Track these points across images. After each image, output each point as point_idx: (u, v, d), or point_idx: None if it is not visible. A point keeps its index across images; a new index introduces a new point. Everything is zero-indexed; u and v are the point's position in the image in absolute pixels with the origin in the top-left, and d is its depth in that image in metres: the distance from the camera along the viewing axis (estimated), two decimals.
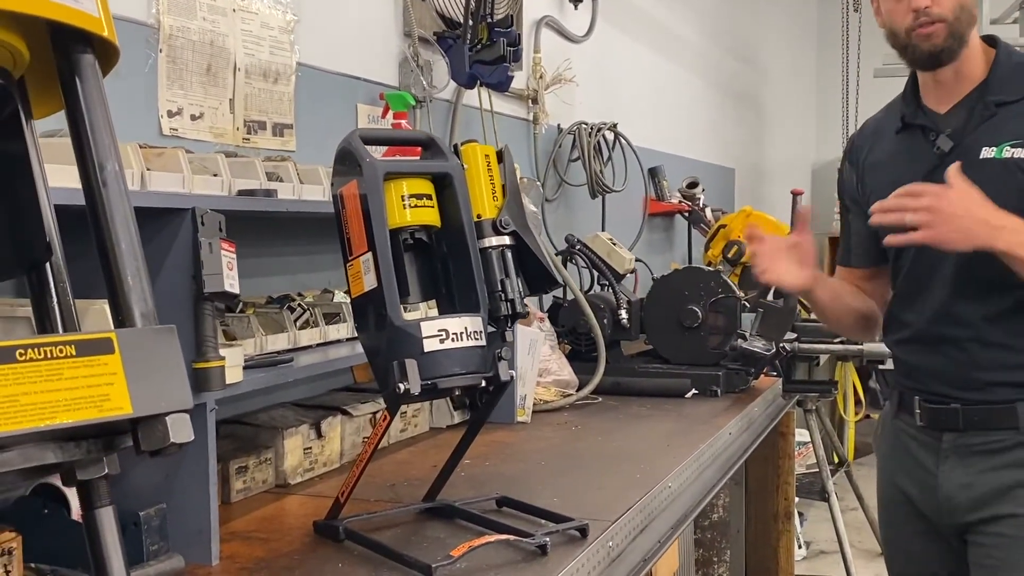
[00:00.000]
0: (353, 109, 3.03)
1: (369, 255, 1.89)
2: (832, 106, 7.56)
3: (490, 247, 2.07)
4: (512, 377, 1.97)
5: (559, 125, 4.48)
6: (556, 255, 3.83)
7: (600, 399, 3.49)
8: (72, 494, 1.83)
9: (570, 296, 3.74)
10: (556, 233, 4.19)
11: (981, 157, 1.96)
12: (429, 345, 1.86)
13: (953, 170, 1.91)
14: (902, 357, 2.17)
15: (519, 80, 4.16)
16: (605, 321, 3.73)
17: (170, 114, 2.34)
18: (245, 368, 2.08)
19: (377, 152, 2.20)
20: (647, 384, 3.63)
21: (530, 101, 4.22)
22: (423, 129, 3.27)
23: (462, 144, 2.14)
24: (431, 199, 1.98)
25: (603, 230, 4.64)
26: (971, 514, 2.05)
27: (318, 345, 2.43)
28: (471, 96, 3.66)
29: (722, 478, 2.95)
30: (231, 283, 1.82)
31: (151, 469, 1.89)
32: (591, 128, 4.44)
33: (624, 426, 3.13)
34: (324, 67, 2.90)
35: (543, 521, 2.07)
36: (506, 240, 2.08)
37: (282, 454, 2.41)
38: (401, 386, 1.82)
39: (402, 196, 1.95)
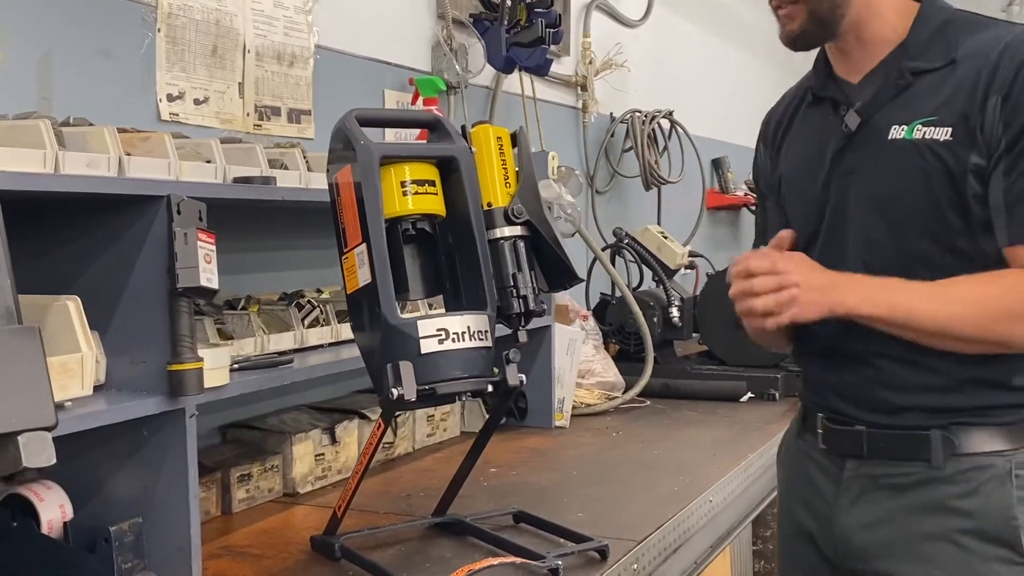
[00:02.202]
0: (380, 95, 2.87)
1: (363, 247, 1.72)
2: None
3: (501, 238, 1.89)
4: (521, 382, 1.78)
5: (611, 113, 4.27)
6: (603, 249, 3.62)
7: (648, 402, 3.28)
8: (43, 507, 1.69)
9: (618, 293, 3.53)
10: (608, 226, 3.98)
11: (890, 137, 1.61)
12: (427, 346, 1.68)
13: (774, 241, 1.68)
14: (806, 370, 1.83)
15: (567, 66, 3.97)
16: (655, 319, 3.51)
17: (170, 98, 2.19)
18: (239, 370, 1.92)
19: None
20: (699, 387, 3.41)
21: (579, 88, 4.02)
22: (457, 118, 3.10)
23: (472, 126, 1.96)
24: (435, 185, 1.80)
25: (658, 224, 4.42)
26: (867, 563, 1.66)
27: (329, 345, 2.27)
28: (512, 82, 3.48)
29: (774, 490, 2.72)
30: (208, 277, 1.66)
31: (128, 480, 1.74)
32: (645, 116, 4.22)
33: (669, 432, 2.92)
34: (347, 50, 2.74)
35: (561, 540, 1.88)
36: (519, 230, 1.89)
37: (291, 461, 2.25)
38: (394, 391, 1.65)
39: (402, 182, 1.77)
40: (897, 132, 1.61)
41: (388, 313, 1.68)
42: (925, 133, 1.58)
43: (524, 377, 1.79)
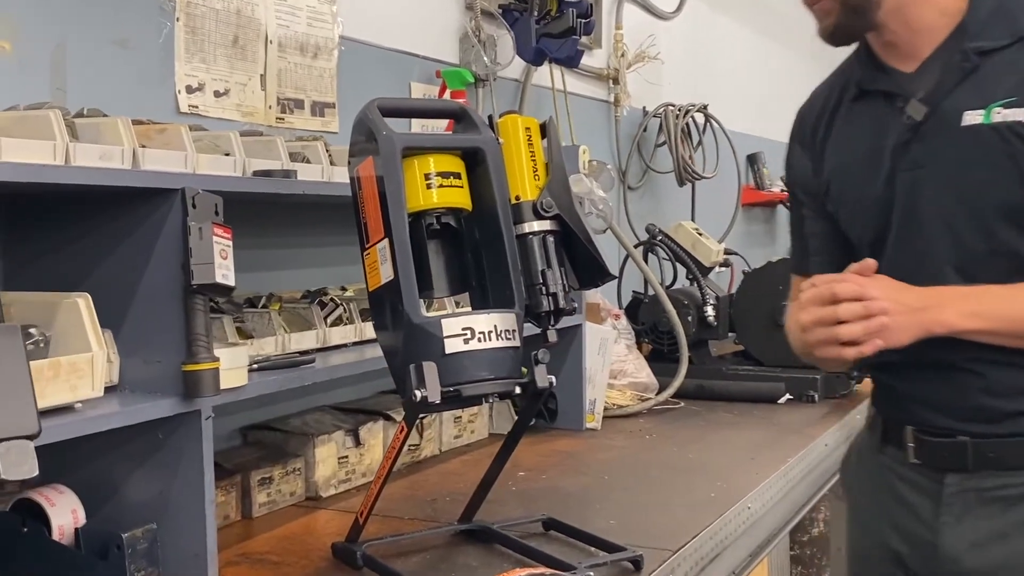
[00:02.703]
0: (406, 88, 2.79)
1: (385, 242, 1.64)
2: None
3: (529, 233, 1.81)
4: (551, 384, 1.70)
5: (644, 107, 4.18)
6: (636, 246, 3.53)
7: (682, 404, 3.18)
8: (54, 512, 1.64)
9: (651, 291, 3.43)
10: (640, 223, 3.88)
11: (964, 124, 1.51)
12: (451, 346, 1.60)
13: (859, 266, 1.52)
14: (883, 380, 1.70)
15: (599, 59, 3.88)
16: (689, 318, 3.42)
17: (189, 90, 2.13)
18: (258, 370, 1.86)
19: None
20: (735, 388, 3.31)
21: (611, 81, 3.93)
22: (486, 111, 3.01)
23: (501, 116, 1.88)
24: (460, 178, 1.72)
25: (692, 220, 4.32)
26: None
27: (353, 344, 2.20)
28: (543, 75, 3.39)
29: (814, 495, 2.63)
30: (224, 274, 1.59)
31: (142, 484, 1.68)
32: (679, 110, 4.13)
33: (705, 435, 2.83)
34: (372, 42, 2.67)
35: (592, 549, 1.80)
36: (549, 225, 1.81)
37: (313, 464, 2.18)
38: (418, 393, 1.57)
39: (426, 174, 1.69)
40: (972, 118, 1.51)
41: (411, 311, 1.61)
42: (1006, 116, 1.48)
43: (554, 378, 1.70)
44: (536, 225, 1.81)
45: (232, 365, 1.69)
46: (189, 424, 1.64)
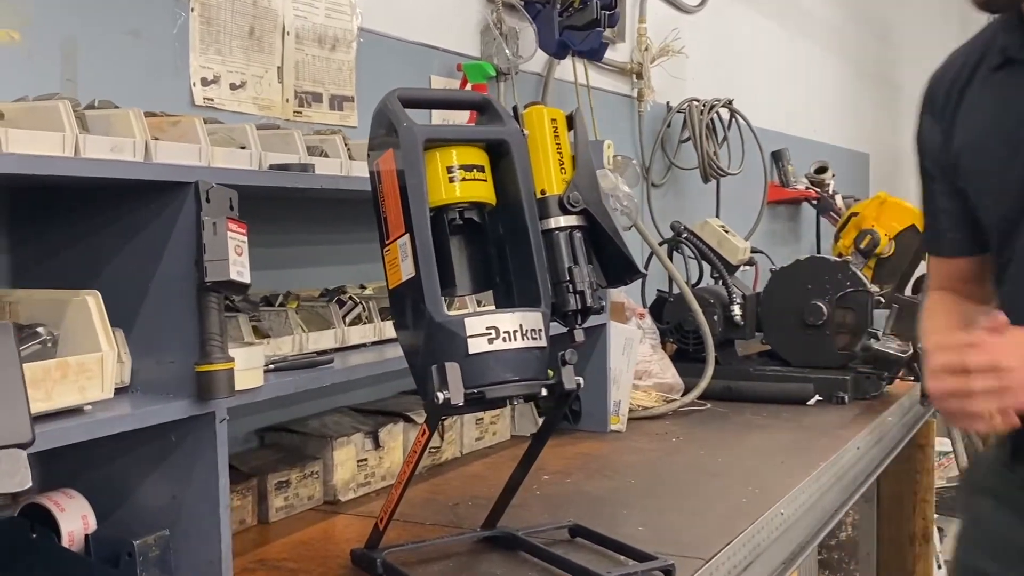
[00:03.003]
0: (426, 82, 2.73)
1: (406, 238, 1.58)
2: None
3: (556, 228, 1.74)
4: (579, 385, 1.63)
5: (668, 103, 4.10)
6: (660, 244, 3.45)
7: (708, 405, 3.11)
8: (64, 517, 1.58)
9: (675, 290, 3.36)
10: (664, 220, 3.81)
11: None
12: (475, 346, 1.53)
13: (990, 323, 1.38)
14: None
15: (622, 53, 3.80)
16: (715, 317, 3.34)
17: (204, 82, 2.07)
18: (275, 370, 1.80)
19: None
20: (763, 389, 3.23)
21: (634, 76, 3.85)
22: (507, 105, 2.95)
23: (526, 107, 1.81)
24: (484, 171, 1.65)
25: (716, 215, 4.24)
26: None
27: (372, 344, 2.13)
28: (565, 69, 3.32)
29: (847, 501, 2.55)
30: (239, 271, 1.53)
31: (155, 489, 1.62)
32: (703, 105, 4.05)
33: (733, 438, 2.75)
34: (392, 34, 2.60)
35: (622, 558, 1.73)
36: (576, 220, 1.74)
37: (331, 467, 2.12)
38: (440, 395, 1.51)
39: (448, 167, 1.63)
40: None
41: (433, 310, 1.54)
42: None
43: (581, 380, 1.64)
44: (563, 220, 1.74)
45: (247, 365, 1.63)
46: (203, 427, 1.58)
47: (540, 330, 1.59)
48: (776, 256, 4.40)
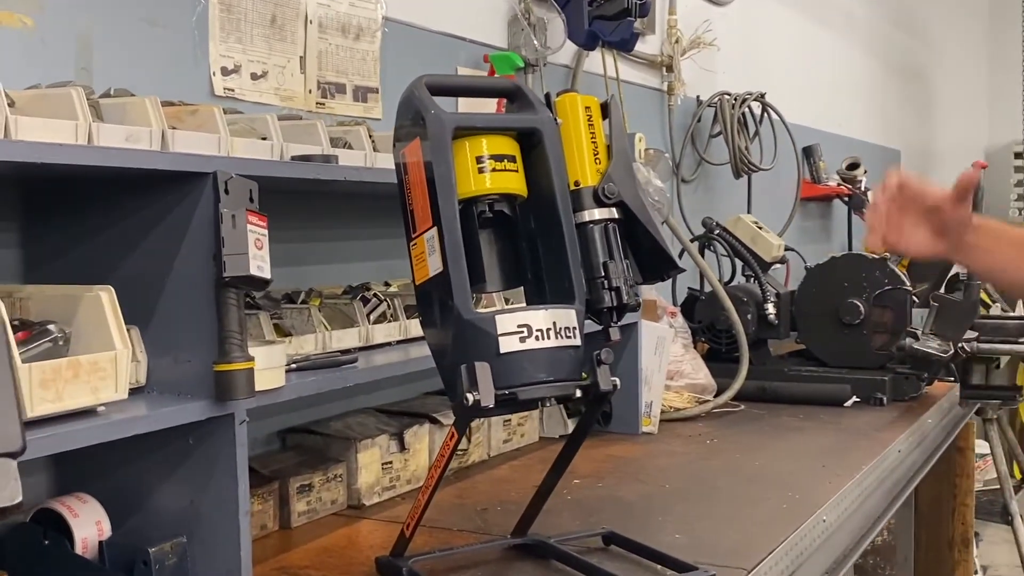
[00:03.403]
0: (452, 72, 2.65)
1: (434, 231, 1.50)
2: (1008, 86, 6.93)
3: (590, 222, 1.66)
4: (615, 386, 1.55)
5: (698, 96, 4.01)
6: (692, 240, 3.36)
7: (742, 407, 3.02)
8: (77, 523, 1.51)
9: (707, 287, 3.27)
10: (694, 217, 3.71)
11: None
12: (507, 344, 1.46)
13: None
14: None
15: (652, 45, 3.72)
16: (749, 316, 3.25)
17: (225, 71, 2.00)
18: (296, 370, 1.73)
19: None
20: (798, 390, 3.14)
21: (664, 69, 3.77)
22: None
23: (559, 95, 1.73)
24: (515, 161, 1.57)
25: (748, 212, 4.14)
26: None
27: (398, 342, 2.06)
28: (594, 62, 3.24)
29: (890, 506, 2.45)
30: (259, 265, 1.46)
31: (172, 494, 1.56)
32: (735, 99, 3.95)
33: (769, 441, 2.66)
34: (418, 23, 2.53)
35: (659, 567, 1.65)
36: (611, 213, 1.66)
37: (355, 470, 2.05)
38: (469, 396, 1.43)
39: (478, 157, 1.55)
40: None
41: (462, 307, 1.46)
42: None
43: (618, 381, 1.55)
44: (597, 213, 1.66)
45: (268, 365, 1.56)
46: (222, 429, 1.51)
47: (574, 328, 1.51)
48: (807, 253, 4.30)
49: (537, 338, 1.47)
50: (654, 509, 2.04)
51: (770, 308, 3.25)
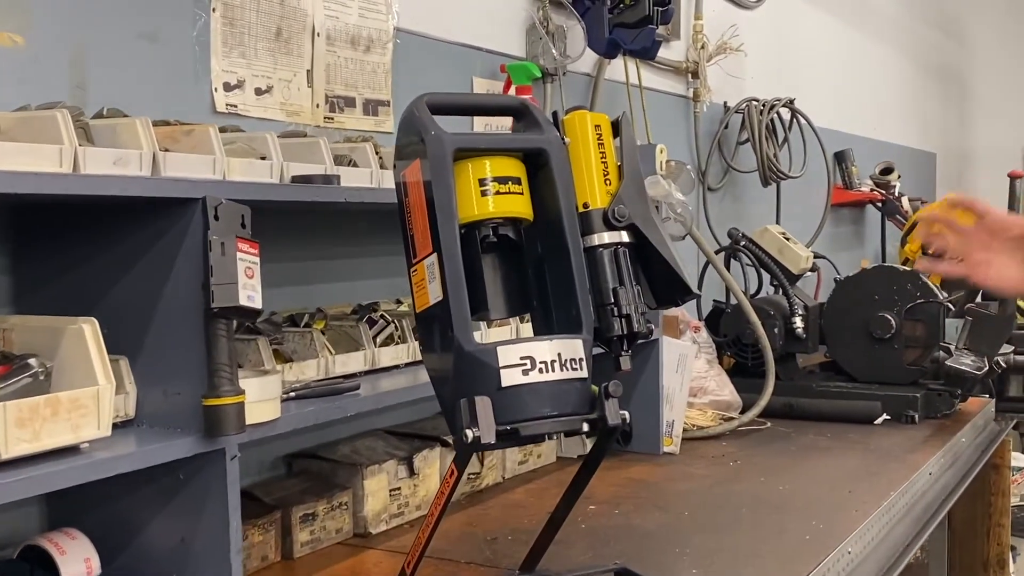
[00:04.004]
0: (468, 83, 2.58)
1: (433, 257, 1.43)
2: None
3: (599, 246, 1.58)
4: (625, 420, 1.47)
5: (725, 103, 3.92)
6: (717, 252, 3.27)
7: (768, 424, 2.93)
8: (65, 561, 1.46)
9: (733, 300, 3.18)
10: (721, 226, 3.62)
11: None
12: (509, 377, 1.39)
13: None
14: None
15: (677, 51, 3.63)
16: (776, 330, 3.16)
17: (227, 87, 1.95)
18: (295, 399, 1.67)
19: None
20: (827, 407, 3.04)
21: (689, 75, 3.68)
22: (554, 107, 2.80)
23: (567, 112, 1.66)
24: (520, 184, 1.50)
25: (777, 222, 4.05)
26: None
27: (406, 365, 2.00)
28: (616, 69, 3.16)
29: (920, 533, 2.35)
30: (249, 295, 1.40)
31: (163, 530, 1.50)
32: (763, 105, 3.86)
33: (795, 462, 2.57)
34: (431, 34, 2.46)
35: None
36: (622, 236, 1.59)
37: (362, 497, 1.99)
38: (469, 433, 1.36)
39: (481, 179, 1.48)
40: None
41: (462, 338, 1.39)
42: None
43: (627, 415, 1.48)
44: (607, 236, 1.58)
45: (262, 397, 1.50)
46: (213, 464, 1.45)
47: (581, 359, 1.44)
48: (840, 261, 4.21)
49: (541, 371, 1.40)
50: (671, 540, 1.96)
51: (798, 321, 3.16)
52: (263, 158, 1.70)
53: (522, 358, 1.39)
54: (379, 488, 2.01)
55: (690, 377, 2.71)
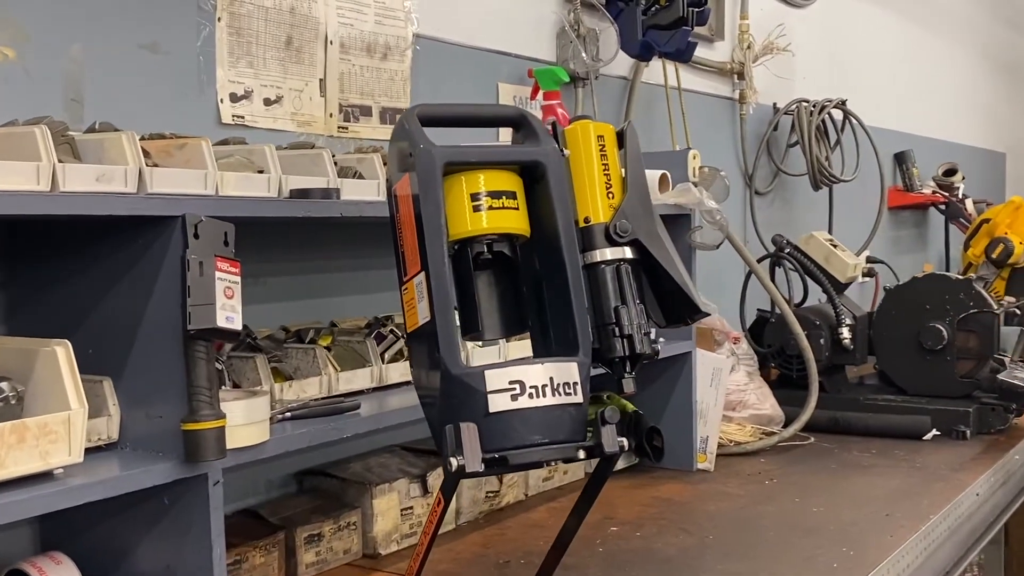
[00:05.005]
0: (493, 89, 2.52)
1: (422, 276, 1.37)
2: None
3: (601, 262, 1.50)
4: (622, 448, 1.40)
5: (774, 104, 3.80)
6: (760, 260, 3.16)
7: (811, 439, 2.82)
8: None
9: (778, 309, 3.07)
10: (769, 232, 3.50)
11: None
12: (496, 403, 1.32)
13: None
14: None
15: (722, 52, 3.53)
16: (822, 341, 3.04)
17: (234, 98, 1.91)
18: (291, 419, 1.62)
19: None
20: (874, 421, 2.92)
21: (735, 76, 3.57)
22: (586, 112, 2.72)
23: (571, 121, 1.58)
24: (514, 198, 1.43)
25: (829, 227, 3.92)
26: None
27: None
28: (655, 71, 3.07)
29: (964, 557, 2.24)
30: (228, 316, 1.35)
31: (149, 555, 1.46)
32: (813, 106, 3.73)
33: (834, 481, 2.46)
34: (453, 40, 2.40)
35: None
36: (624, 252, 1.51)
37: (371, 516, 1.94)
38: (453, 461, 1.29)
39: (474, 194, 1.42)
40: None
41: (449, 360, 1.33)
42: None
43: (625, 441, 1.40)
44: (609, 253, 1.51)
45: (248, 420, 1.45)
46: (195, 489, 1.40)
47: (575, 383, 1.36)
48: (899, 266, 4.06)
49: (531, 396, 1.33)
50: (690, 566, 1.87)
51: (845, 332, 3.04)
52: (260, 171, 1.66)
53: (511, 382, 1.33)
54: (389, 507, 1.96)
55: (725, 391, 2.61)
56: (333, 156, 1.79)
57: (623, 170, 1.54)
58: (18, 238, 1.52)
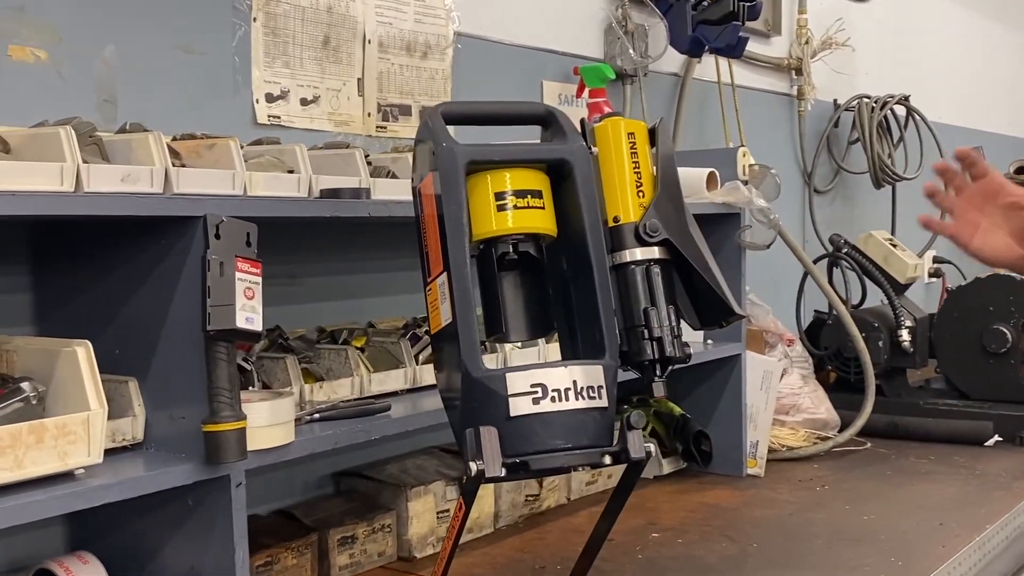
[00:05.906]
0: (537, 87, 2.49)
1: (444, 277, 1.35)
2: None
3: (631, 263, 1.46)
4: (649, 454, 1.36)
5: (835, 100, 3.70)
6: (817, 260, 3.08)
7: (868, 444, 2.74)
8: None
9: (835, 311, 2.98)
10: (829, 231, 3.41)
11: None
12: (518, 406, 1.29)
13: None
14: None
15: (779, 47, 3.45)
16: (880, 343, 2.96)
17: (270, 98, 1.90)
18: (320, 420, 1.60)
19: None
20: (933, 427, 2.83)
21: (793, 72, 3.49)
22: (634, 110, 2.68)
23: (601, 119, 1.55)
24: (540, 197, 1.40)
25: (892, 226, 3.81)
26: None
27: None
28: (707, 68, 3.02)
29: (1021, 570, 2.15)
30: (248, 317, 1.34)
31: (174, 556, 1.46)
32: (875, 102, 3.63)
33: (888, 489, 2.38)
34: (495, 37, 2.38)
35: None
36: (654, 253, 1.47)
37: (406, 519, 1.92)
38: (473, 466, 1.27)
39: (499, 193, 1.39)
40: None
41: (470, 362, 1.31)
42: None
43: (652, 447, 1.36)
44: (639, 253, 1.47)
45: (272, 421, 1.44)
46: (218, 491, 1.40)
47: (600, 387, 1.33)
48: (968, 267, 3.93)
49: (553, 399, 1.30)
50: (731, 575, 1.82)
51: (904, 334, 2.96)
52: (291, 171, 1.65)
53: (533, 386, 1.30)
54: (425, 510, 1.94)
55: (776, 395, 2.55)
56: (367, 156, 1.78)
57: (654, 168, 1.50)
58: (53, 239, 1.52)
